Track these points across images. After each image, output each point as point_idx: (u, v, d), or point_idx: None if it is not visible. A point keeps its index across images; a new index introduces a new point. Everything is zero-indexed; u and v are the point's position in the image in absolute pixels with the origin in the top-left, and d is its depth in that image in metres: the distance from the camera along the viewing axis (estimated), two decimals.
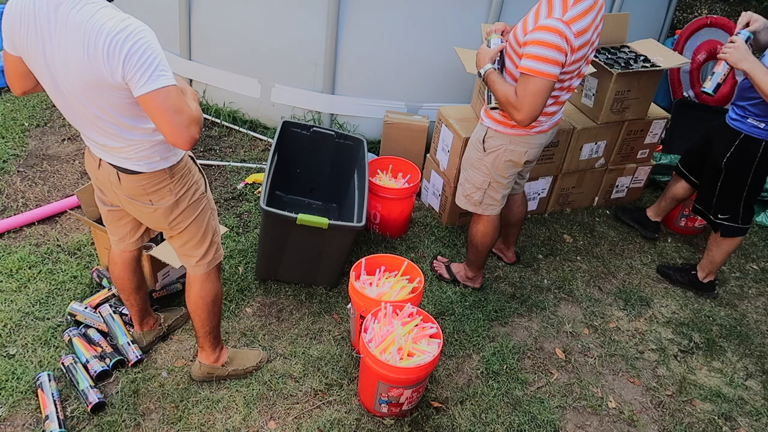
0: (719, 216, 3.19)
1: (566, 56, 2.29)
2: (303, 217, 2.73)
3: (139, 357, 2.59)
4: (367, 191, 3.10)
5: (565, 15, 2.27)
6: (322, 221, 2.75)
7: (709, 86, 2.82)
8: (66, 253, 3.10)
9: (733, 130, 3.00)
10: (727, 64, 2.76)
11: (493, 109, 2.55)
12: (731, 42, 2.74)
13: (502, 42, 2.54)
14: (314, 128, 3.42)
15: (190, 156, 2.18)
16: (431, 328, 2.49)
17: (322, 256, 2.94)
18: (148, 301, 2.65)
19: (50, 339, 2.67)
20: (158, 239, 3.08)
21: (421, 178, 3.65)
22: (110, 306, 2.72)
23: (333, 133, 3.42)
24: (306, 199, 3.58)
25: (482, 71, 2.50)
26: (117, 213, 2.30)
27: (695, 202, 3.37)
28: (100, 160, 2.08)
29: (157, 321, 2.71)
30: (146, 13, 4.27)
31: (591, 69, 3.32)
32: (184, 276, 2.99)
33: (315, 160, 3.49)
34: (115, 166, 2.05)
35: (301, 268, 3.01)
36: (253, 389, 2.57)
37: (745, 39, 2.72)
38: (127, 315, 2.71)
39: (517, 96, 2.35)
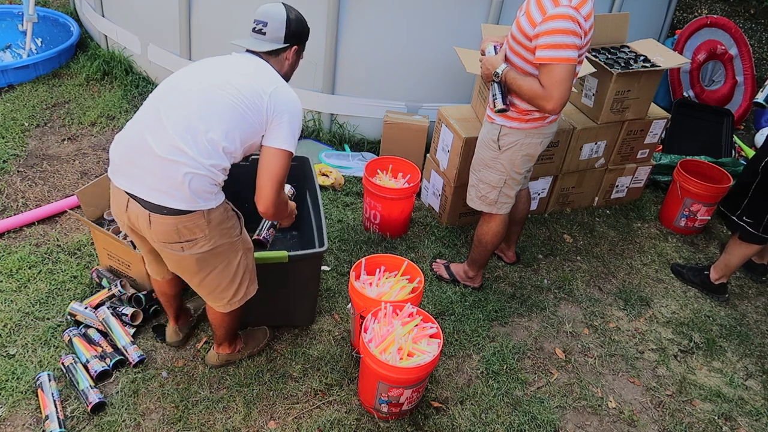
0: (744, 218, 3.19)
1: (581, 39, 2.36)
2: (260, 255, 2.45)
3: (139, 357, 2.59)
4: (323, 211, 2.79)
5: (572, 1, 2.34)
6: (281, 255, 2.49)
7: (760, 97, 2.91)
8: (66, 253, 3.10)
9: None
10: None
11: (499, 111, 2.56)
12: None
13: (498, 46, 2.62)
14: (253, 156, 2.43)
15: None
16: (431, 328, 2.49)
17: (291, 292, 2.69)
18: (183, 300, 2.69)
19: (50, 339, 2.67)
20: None
21: (421, 178, 3.65)
22: (108, 308, 2.72)
23: None
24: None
25: (499, 71, 2.52)
26: (135, 236, 2.22)
27: (720, 202, 3.36)
28: (128, 200, 2.01)
29: (189, 314, 2.74)
30: (146, 13, 4.28)
31: (590, 69, 3.32)
32: None
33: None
34: (145, 205, 1.98)
35: (274, 309, 2.75)
36: (253, 389, 2.57)
37: None
38: (126, 315, 2.71)
39: (543, 87, 2.38)
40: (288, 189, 2.86)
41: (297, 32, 2.17)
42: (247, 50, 2.14)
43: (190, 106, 1.96)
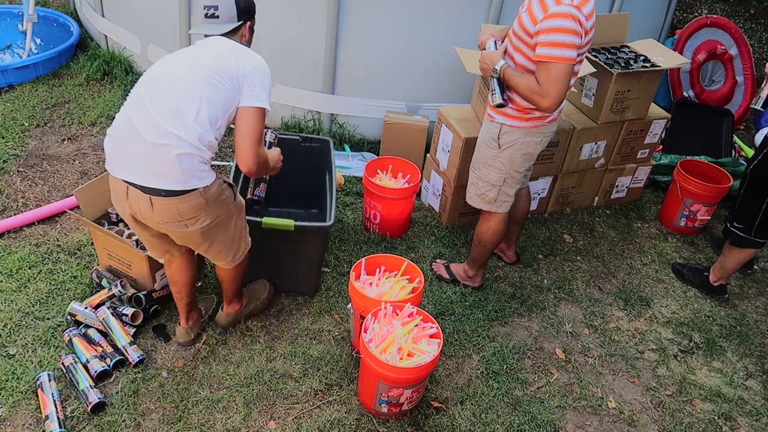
0: (734, 224, 3.18)
1: (581, 38, 2.36)
2: (267, 221, 2.67)
3: (139, 358, 2.59)
4: (334, 190, 3.03)
5: (574, 0, 2.34)
6: (288, 223, 2.67)
7: (757, 103, 2.99)
8: (66, 253, 3.10)
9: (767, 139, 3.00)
10: None
11: (498, 106, 2.59)
12: None
13: (498, 42, 2.62)
14: (279, 136, 3.11)
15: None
16: (431, 328, 2.49)
17: (296, 260, 2.85)
18: (197, 295, 2.72)
19: (50, 339, 2.67)
20: None
21: (421, 178, 3.65)
22: (108, 308, 2.72)
23: (298, 137, 3.31)
24: (287, 209, 3.43)
25: (498, 67, 2.53)
26: (135, 223, 2.31)
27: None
28: (128, 187, 2.13)
29: (200, 313, 2.75)
30: (146, 13, 4.28)
31: (590, 69, 3.32)
32: None
33: (288, 168, 3.11)
34: (144, 190, 2.10)
35: (278, 276, 2.93)
36: (253, 389, 2.57)
37: None
38: (127, 315, 2.71)
39: (540, 84, 2.39)
40: (269, 135, 2.90)
41: (247, 8, 2.30)
42: (205, 36, 2.28)
43: (170, 90, 2.09)
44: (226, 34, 2.26)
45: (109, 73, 4.51)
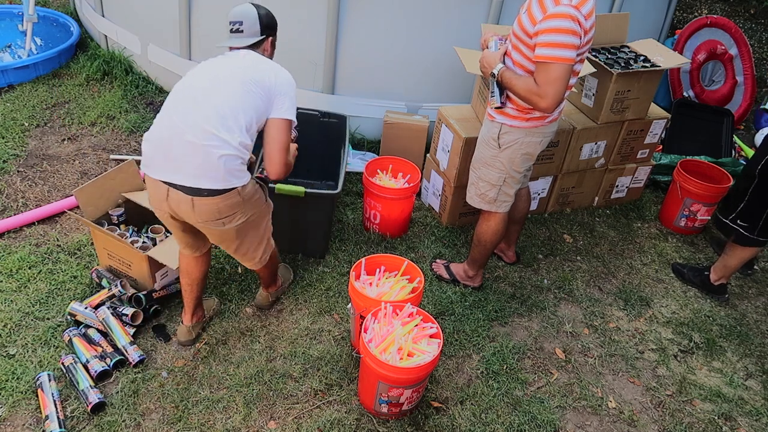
0: (738, 222, 3.18)
1: (580, 39, 2.36)
2: (281, 187, 2.91)
3: (139, 357, 2.59)
4: (344, 164, 3.25)
5: (573, 0, 2.34)
6: (299, 189, 2.93)
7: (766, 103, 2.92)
8: (66, 253, 3.10)
9: None
10: None
11: (496, 108, 2.61)
12: None
13: (501, 41, 2.63)
14: (299, 110, 3.43)
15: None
16: (431, 328, 2.49)
17: (306, 225, 3.12)
18: (203, 295, 2.78)
19: (50, 339, 2.67)
20: (156, 240, 3.08)
21: (421, 178, 3.65)
22: (108, 308, 2.72)
23: (317, 113, 3.55)
24: (304, 180, 3.65)
25: (495, 71, 2.54)
26: (172, 221, 2.42)
27: (718, 209, 3.36)
28: (168, 189, 2.24)
29: (203, 313, 2.79)
30: (146, 13, 4.28)
31: (590, 69, 3.32)
32: None
33: (306, 142, 3.54)
34: (186, 191, 2.22)
35: (289, 237, 3.15)
36: (253, 389, 2.57)
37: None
38: (127, 315, 2.71)
39: (538, 85, 2.39)
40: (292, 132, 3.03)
41: (269, 24, 2.45)
42: (231, 48, 2.42)
43: (213, 96, 2.23)
44: (250, 47, 2.40)
45: (109, 73, 4.51)
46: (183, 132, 2.19)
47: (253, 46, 2.41)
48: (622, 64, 3.46)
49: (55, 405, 2.35)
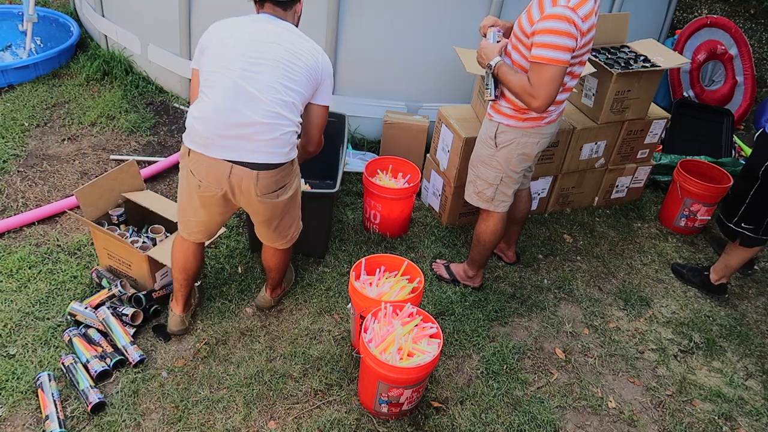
0: (742, 225, 3.18)
1: (576, 41, 2.36)
2: None
3: (140, 357, 2.59)
4: (342, 162, 3.29)
5: (570, 2, 2.34)
6: None
7: None
8: (66, 253, 3.10)
9: None
10: None
11: (489, 101, 2.64)
12: None
13: (499, 32, 2.62)
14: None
15: None
16: (431, 328, 2.49)
17: (306, 224, 3.05)
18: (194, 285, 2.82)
19: (50, 339, 2.67)
20: (156, 240, 3.08)
21: (421, 178, 3.65)
22: (108, 308, 2.72)
23: None
24: (304, 179, 3.61)
25: (493, 64, 2.54)
26: (221, 201, 2.43)
27: (719, 213, 3.35)
28: (232, 167, 2.28)
29: (192, 300, 2.82)
30: (146, 13, 4.28)
31: (591, 69, 3.32)
32: None
33: None
34: (253, 167, 2.28)
35: None
36: (253, 389, 2.57)
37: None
38: (126, 315, 2.71)
39: (531, 85, 2.40)
40: None
41: None
42: (270, 2, 2.30)
43: (272, 75, 2.24)
44: (286, 7, 2.33)
45: (109, 73, 4.51)
46: (244, 110, 2.22)
47: (288, 7, 2.34)
48: (622, 64, 3.46)
49: (55, 405, 2.35)
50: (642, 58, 3.57)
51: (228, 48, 2.26)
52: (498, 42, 2.60)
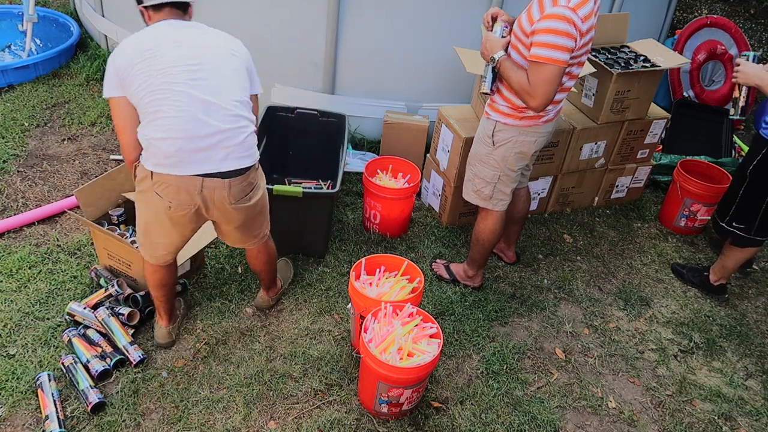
0: (733, 224, 3.18)
1: (576, 42, 2.36)
2: (278, 188, 2.92)
3: (140, 357, 2.59)
4: (342, 163, 3.25)
5: (570, 2, 2.34)
6: (297, 190, 2.93)
7: (735, 113, 2.98)
8: (66, 253, 3.10)
9: (764, 139, 2.99)
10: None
11: (484, 94, 2.65)
12: (737, 65, 2.80)
13: (506, 27, 2.62)
14: (298, 110, 3.57)
15: None
16: (431, 328, 2.49)
17: (306, 225, 3.13)
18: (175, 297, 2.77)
19: (50, 339, 2.67)
20: None
21: (421, 178, 3.65)
22: (107, 308, 2.72)
23: (316, 112, 3.58)
24: (303, 179, 3.69)
25: (496, 57, 2.54)
26: (193, 217, 2.35)
27: (716, 212, 3.36)
28: (203, 181, 2.22)
29: (177, 314, 2.79)
30: None
31: (590, 69, 3.32)
32: (182, 276, 2.99)
33: (305, 141, 3.65)
34: (224, 176, 2.24)
35: (289, 238, 3.15)
36: (253, 389, 2.57)
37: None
38: (123, 315, 2.71)
39: (530, 84, 2.41)
40: None
41: None
42: (172, 4, 2.26)
43: (219, 78, 2.21)
44: (186, 9, 2.34)
45: None
46: (209, 121, 2.16)
47: (186, 8, 2.34)
48: (622, 64, 3.46)
49: (55, 405, 2.35)
50: (642, 58, 3.57)
51: (160, 63, 2.12)
52: (503, 37, 2.60)
